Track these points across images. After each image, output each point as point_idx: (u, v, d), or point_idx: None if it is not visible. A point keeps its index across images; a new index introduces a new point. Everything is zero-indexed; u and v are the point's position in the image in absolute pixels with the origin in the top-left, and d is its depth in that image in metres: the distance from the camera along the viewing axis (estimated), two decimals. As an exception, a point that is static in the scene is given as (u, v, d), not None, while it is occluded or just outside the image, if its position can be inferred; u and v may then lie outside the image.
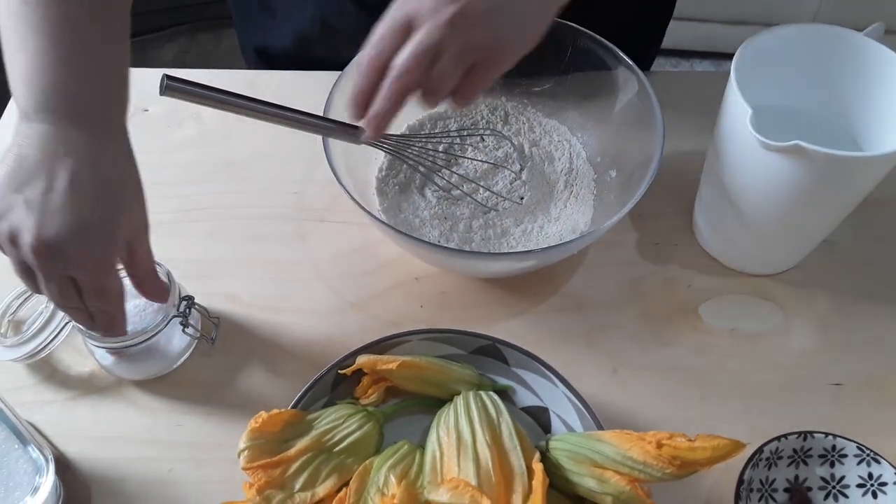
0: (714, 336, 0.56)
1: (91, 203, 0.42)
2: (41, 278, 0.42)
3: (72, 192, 0.41)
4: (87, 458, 0.50)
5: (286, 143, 0.68)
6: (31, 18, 0.42)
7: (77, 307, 0.44)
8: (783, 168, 0.49)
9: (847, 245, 0.61)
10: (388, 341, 0.50)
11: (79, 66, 0.43)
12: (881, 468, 0.47)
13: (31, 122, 0.42)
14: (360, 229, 0.62)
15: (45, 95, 0.42)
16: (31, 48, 0.42)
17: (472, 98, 0.49)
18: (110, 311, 0.46)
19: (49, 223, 0.40)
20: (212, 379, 0.54)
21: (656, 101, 0.56)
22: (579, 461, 0.44)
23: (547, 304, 0.58)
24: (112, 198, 0.43)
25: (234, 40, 0.85)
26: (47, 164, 0.41)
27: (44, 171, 0.41)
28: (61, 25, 0.42)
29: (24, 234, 0.40)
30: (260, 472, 0.43)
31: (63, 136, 0.42)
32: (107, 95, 0.45)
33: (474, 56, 0.45)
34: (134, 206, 0.45)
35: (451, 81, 0.46)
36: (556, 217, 0.61)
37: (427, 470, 0.44)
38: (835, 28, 0.53)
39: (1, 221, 0.41)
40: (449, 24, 0.43)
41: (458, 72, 0.45)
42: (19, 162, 0.41)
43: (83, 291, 0.43)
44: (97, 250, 0.42)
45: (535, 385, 0.51)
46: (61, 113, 0.42)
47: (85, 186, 0.41)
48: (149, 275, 0.48)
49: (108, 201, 0.43)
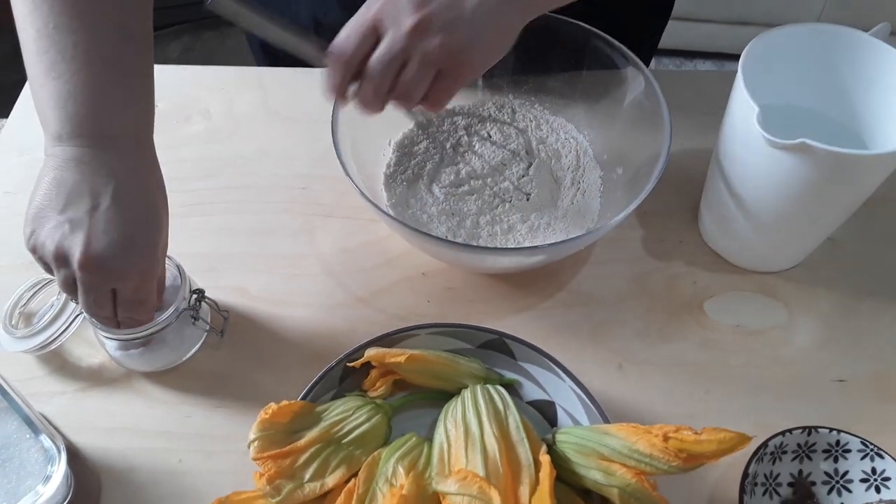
0: (719, 332, 0.57)
1: (135, 219, 0.44)
2: (81, 291, 0.44)
3: (116, 210, 0.43)
4: (96, 449, 0.51)
5: (293, 138, 0.69)
6: (62, 45, 0.43)
7: (109, 316, 0.47)
8: (789, 166, 0.49)
9: (850, 243, 0.61)
10: (396, 335, 0.51)
11: (111, 91, 0.45)
12: (885, 463, 0.47)
13: (64, 146, 0.44)
14: (368, 224, 0.63)
15: (79, 119, 0.44)
16: (63, 73, 0.43)
17: (441, 104, 0.49)
18: (140, 321, 0.48)
19: (96, 240, 0.42)
20: (220, 371, 0.55)
21: (663, 99, 0.56)
22: (586, 454, 0.45)
23: (553, 299, 0.59)
24: (153, 216, 0.46)
25: (239, 38, 0.86)
26: (88, 185, 0.43)
27: (86, 192, 0.43)
28: (92, 51, 0.44)
29: (72, 251, 0.42)
30: (270, 463, 0.43)
31: (101, 158, 0.44)
32: (139, 119, 0.47)
33: (438, 64, 0.46)
34: (166, 223, 0.48)
35: (420, 88, 0.47)
36: (562, 214, 0.61)
37: (435, 462, 0.45)
38: (841, 28, 0.54)
39: (48, 241, 0.43)
40: (411, 32, 0.44)
41: (426, 79, 0.46)
42: (57, 185, 0.43)
43: (120, 304, 0.46)
44: (142, 265, 0.44)
45: (542, 379, 0.51)
46: (97, 137, 0.44)
47: (129, 205, 0.44)
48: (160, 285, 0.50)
49: (150, 219, 0.45)
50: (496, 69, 0.66)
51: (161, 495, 0.49)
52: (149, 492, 0.49)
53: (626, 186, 0.60)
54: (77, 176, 0.43)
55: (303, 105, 0.71)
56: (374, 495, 0.43)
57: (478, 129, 0.66)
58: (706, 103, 0.62)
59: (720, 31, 1.71)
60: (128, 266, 0.44)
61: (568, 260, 0.60)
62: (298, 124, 0.70)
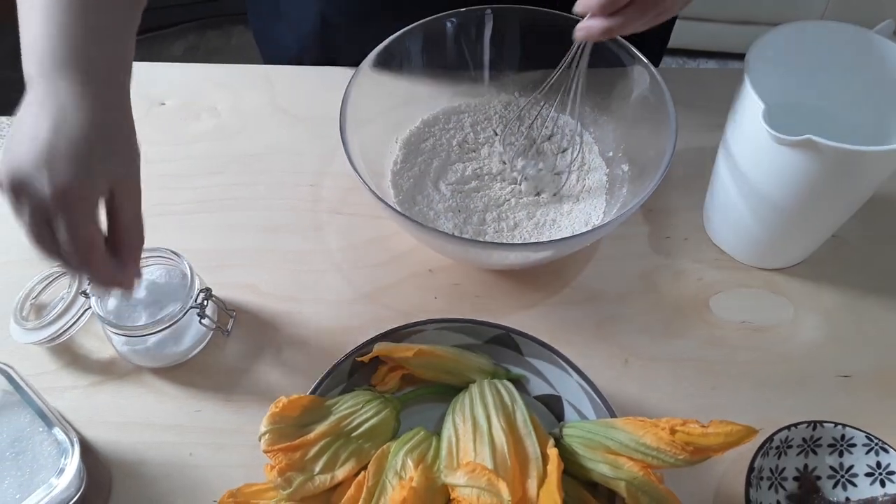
0: (724, 328, 0.57)
1: (68, 135, 0.41)
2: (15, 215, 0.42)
3: (49, 126, 0.41)
4: (108, 442, 0.51)
5: (301, 136, 0.69)
6: None
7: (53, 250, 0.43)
8: (794, 162, 0.50)
9: (855, 240, 0.62)
10: (404, 330, 0.51)
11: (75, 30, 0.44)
12: (889, 457, 0.48)
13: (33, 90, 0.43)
14: (375, 221, 0.63)
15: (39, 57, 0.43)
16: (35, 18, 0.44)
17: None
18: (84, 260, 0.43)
19: (21, 151, 0.40)
20: (229, 367, 0.55)
21: (669, 96, 0.56)
22: (593, 448, 0.45)
23: (559, 296, 0.59)
24: (93, 133, 0.42)
25: (243, 37, 0.86)
26: (34, 111, 0.42)
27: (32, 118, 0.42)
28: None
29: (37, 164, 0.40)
30: (280, 455, 0.44)
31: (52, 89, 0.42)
32: (107, 57, 0.45)
33: None
34: (121, 152, 0.44)
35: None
36: (568, 211, 0.61)
37: (443, 455, 0.45)
38: (846, 25, 0.54)
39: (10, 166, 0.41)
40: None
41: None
42: (18, 125, 0.42)
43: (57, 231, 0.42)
44: (66, 177, 0.41)
45: (549, 374, 0.51)
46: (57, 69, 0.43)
47: (66, 122, 0.41)
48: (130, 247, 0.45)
49: (87, 136, 0.42)
50: (502, 67, 0.67)
51: (172, 488, 0.50)
52: (160, 485, 0.50)
53: (631, 184, 0.60)
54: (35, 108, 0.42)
55: (310, 102, 0.72)
56: (385, 487, 0.44)
57: (484, 126, 0.66)
58: (711, 101, 0.62)
59: (723, 30, 1.71)
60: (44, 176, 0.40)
61: (573, 256, 0.61)
62: (305, 122, 0.70)
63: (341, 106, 0.57)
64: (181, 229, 0.62)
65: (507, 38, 0.65)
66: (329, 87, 0.72)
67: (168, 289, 0.54)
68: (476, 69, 0.67)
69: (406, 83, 0.65)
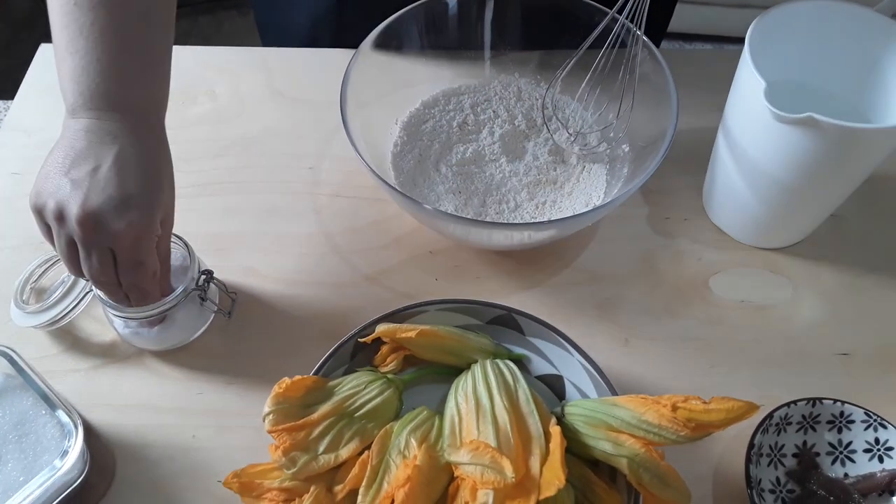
0: (724, 308, 0.58)
1: (134, 180, 0.45)
2: (82, 251, 0.45)
3: (116, 170, 0.45)
4: (110, 425, 0.52)
5: (300, 119, 0.69)
6: (81, 21, 0.45)
7: (113, 282, 0.47)
8: (795, 140, 0.50)
9: (853, 219, 0.62)
10: (406, 311, 0.51)
11: (122, 67, 0.46)
12: (888, 433, 0.48)
13: (78, 118, 0.46)
14: (375, 204, 0.63)
15: (90, 93, 0.46)
16: (79, 49, 0.45)
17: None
18: (144, 289, 0.48)
19: (94, 196, 0.44)
20: (231, 349, 0.55)
21: (671, 76, 0.56)
22: (595, 425, 0.45)
23: (559, 276, 0.59)
24: (152, 178, 0.47)
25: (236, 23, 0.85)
26: (94, 150, 0.45)
27: (91, 156, 0.45)
28: (108, 29, 0.46)
29: (70, 208, 0.44)
30: (285, 435, 0.44)
31: (108, 128, 0.46)
32: (150, 96, 0.48)
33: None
34: (168, 191, 0.49)
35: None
36: (568, 192, 0.61)
37: (447, 434, 0.46)
38: (846, 4, 0.54)
39: (49, 199, 0.44)
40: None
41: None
42: (67, 151, 0.45)
43: (120, 266, 0.46)
44: (138, 222, 0.45)
45: (550, 353, 0.52)
46: (105, 110, 0.46)
47: (129, 166, 0.45)
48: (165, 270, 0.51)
49: (148, 180, 0.46)
50: (503, 47, 0.66)
51: (175, 470, 0.50)
52: (163, 466, 0.50)
53: (632, 164, 0.60)
54: (84, 143, 0.45)
55: (308, 85, 0.71)
56: (388, 466, 0.44)
57: (484, 107, 0.66)
58: (710, 82, 0.62)
59: (720, 13, 1.71)
60: (123, 221, 0.44)
61: (574, 237, 0.61)
62: (304, 104, 0.70)
63: (342, 87, 0.56)
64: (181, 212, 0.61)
65: (509, 19, 0.65)
66: (326, 69, 0.72)
67: (169, 272, 0.54)
68: (476, 49, 0.67)
69: (406, 64, 0.65)
